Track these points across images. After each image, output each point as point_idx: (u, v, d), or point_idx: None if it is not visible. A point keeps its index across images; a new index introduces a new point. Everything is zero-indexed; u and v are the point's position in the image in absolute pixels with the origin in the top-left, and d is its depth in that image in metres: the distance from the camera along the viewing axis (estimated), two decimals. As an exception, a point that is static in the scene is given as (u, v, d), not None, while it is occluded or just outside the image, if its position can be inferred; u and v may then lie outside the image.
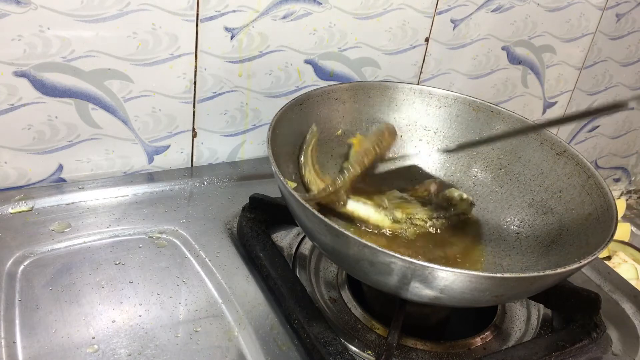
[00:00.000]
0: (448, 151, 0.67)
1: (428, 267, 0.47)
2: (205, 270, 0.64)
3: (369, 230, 0.64)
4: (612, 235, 0.54)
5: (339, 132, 0.71)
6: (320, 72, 0.83)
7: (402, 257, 0.47)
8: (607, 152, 1.29)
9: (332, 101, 0.70)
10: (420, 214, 0.66)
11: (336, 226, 0.49)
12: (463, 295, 0.49)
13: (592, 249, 0.53)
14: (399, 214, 0.65)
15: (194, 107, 0.77)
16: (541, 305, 0.67)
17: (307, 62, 0.81)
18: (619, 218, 0.90)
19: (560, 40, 1.03)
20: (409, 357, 0.58)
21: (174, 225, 0.69)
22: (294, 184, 0.65)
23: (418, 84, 0.86)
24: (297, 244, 0.70)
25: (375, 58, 0.86)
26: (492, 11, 0.92)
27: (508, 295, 0.55)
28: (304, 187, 0.65)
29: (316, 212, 0.50)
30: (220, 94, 0.78)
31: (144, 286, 0.60)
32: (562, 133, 1.17)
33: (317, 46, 0.81)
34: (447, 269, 0.46)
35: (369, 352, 0.57)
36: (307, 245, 0.70)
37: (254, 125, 0.83)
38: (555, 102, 1.11)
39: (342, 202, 0.64)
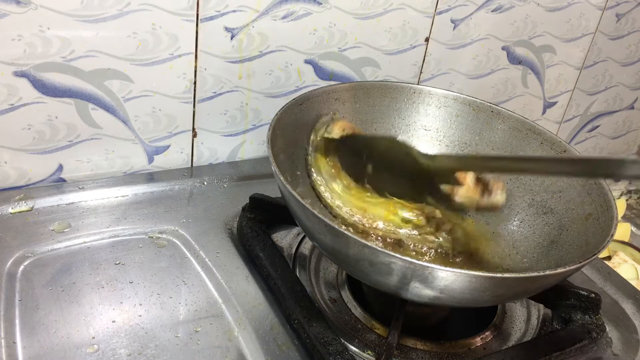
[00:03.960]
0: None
1: (428, 267, 0.47)
2: (205, 270, 0.64)
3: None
4: (612, 235, 0.54)
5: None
6: (320, 72, 0.83)
7: (402, 257, 0.47)
8: (607, 152, 1.29)
9: (332, 101, 0.70)
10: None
11: (336, 226, 0.49)
12: (463, 295, 0.49)
13: (592, 249, 0.53)
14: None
15: (194, 107, 0.77)
16: (541, 305, 0.67)
17: (307, 62, 0.81)
18: (619, 218, 0.90)
19: (560, 40, 1.03)
20: (409, 357, 0.58)
21: (174, 225, 0.69)
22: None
23: (418, 84, 0.86)
24: (297, 244, 0.70)
25: (375, 58, 0.86)
26: (492, 11, 0.92)
27: (508, 295, 0.55)
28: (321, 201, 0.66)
29: (316, 212, 0.50)
30: (220, 94, 0.78)
31: (144, 286, 0.60)
32: (562, 133, 1.17)
33: (317, 46, 0.81)
34: (447, 269, 0.46)
35: (369, 352, 0.57)
36: (307, 245, 0.70)
37: (254, 125, 0.83)
38: (555, 102, 1.11)
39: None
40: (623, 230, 1.06)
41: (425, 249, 0.63)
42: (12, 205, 0.67)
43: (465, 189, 0.63)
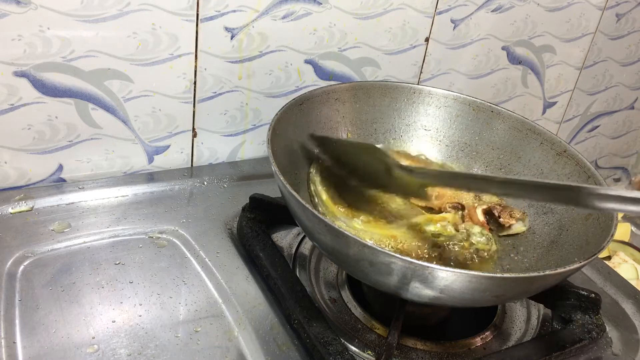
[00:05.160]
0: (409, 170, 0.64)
1: (428, 267, 0.47)
2: (205, 270, 0.64)
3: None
4: (612, 235, 0.54)
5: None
6: (320, 72, 0.83)
7: (402, 257, 0.47)
8: (607, 152, 1.29)
9: (332, 101, 0.70)
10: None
11: (336, 226, 0.49)
12: (463, 295, 0.49)
13: (592, 249, 0.53)
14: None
15: (194, 107, 0.77)
16: (541, 305, 0.67)
17: (307, 62, 0.81)
18: (619, 218, 0.90)
19: (560, 40, 1.03)
20: (409, 357, 0.58)
21: (174, 225, 0.69)
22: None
23: (418, 84, 0.86)
24: (297, 244, 0.70)
25: (375, 58, 0.86)
26: (492, 11, 0.92)
27: (508, 295, 0.55)
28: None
29: (316, 212, 0.50)
30: (220, 94, 0.78)
31: (144, 286, 0.60)
32: (562, 133, 1.17)
33: (317, 46, 0.81)
34: (447, 269, 0.46)
35: (369, 352, 0.57)
36: (307, 245, 0.70)
37: (254, 125, 0.83)
38: (555, 102, 1.11)
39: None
40: (623, 230, 1.06)
41: (467, 256, 0.63)
42: (12, 205, 0.67)
43: (480, 231, 0.64)
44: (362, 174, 0.66)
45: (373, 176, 0.65)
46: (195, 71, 0.74)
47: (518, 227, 0.66)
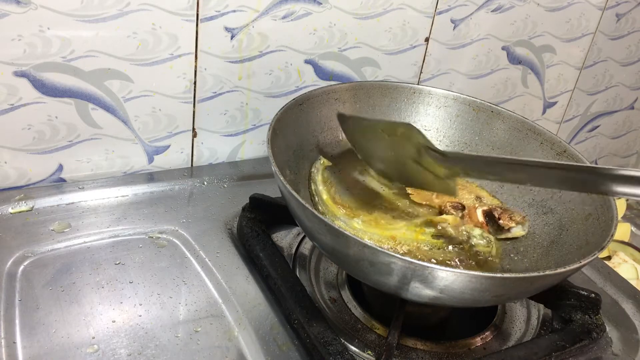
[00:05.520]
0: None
1: (428, 267, 0.47)
2: (205, 270, 0.64)
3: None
4: (612, 235, 0.54)
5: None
6: (320, 72, 0.83)
7: (402, 257, 0.47)
8: (607, 152, 1.29)
9: (332, 101, 0.70)
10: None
11: (336, 226, 0.49)
12: (463, 295, 0.49)
13: (592, 249, 0.53)
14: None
15: (194, 107, 0.77)
16: (541, 305, 0.67)
17: (307, 62, 0.81)
18: (619, 218, 0.90)
19: (560, 40, 1.03)
20: (409, 357, 0.58)
21: (174, 225, 0.69)
22: (328, 163, 0.67)
23: (418, 84, 0.86)
24: (297, 244, 0.70)
25: (375, 58, 0.86)
26: (492, 11, 0.92)
27: (508, 295, 0.55)
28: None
29: (316, 212, 0.50)
30: (220, 94, 0.78)
31: (144, 286, 0.60)
32: (562, 133, 1.17)
33: (317, 46, 0.81)
34: (447, 269, 0.46)
35: (369, 352, 0.57)
36: (307, 245, 0.70)
37: (254, 125, 0.83)
38: (556, 102, 1.11)
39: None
40: (623, 230, 1.06)
41: (467, 257, 0.62)
42: (12, 205, 0.67)
43: (480, 234, 0.63)
44: (388, 160, 0.64)
45: (400, 163, 0.63)
46: (195, 71, 0.74)
47: (517, 231, 0.65)
